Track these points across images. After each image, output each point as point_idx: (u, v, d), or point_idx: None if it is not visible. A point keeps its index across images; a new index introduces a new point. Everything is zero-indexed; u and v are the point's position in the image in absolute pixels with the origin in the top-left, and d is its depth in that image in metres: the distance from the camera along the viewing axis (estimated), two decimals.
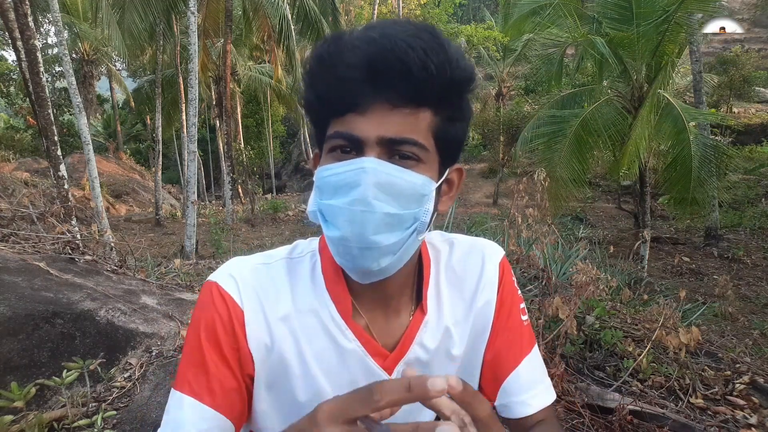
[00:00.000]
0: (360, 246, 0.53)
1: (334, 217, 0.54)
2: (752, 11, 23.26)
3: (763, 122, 16.71)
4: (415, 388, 0.35)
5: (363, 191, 0.51)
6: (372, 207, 0.51)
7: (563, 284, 3.01)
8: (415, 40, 0.49)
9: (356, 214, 0.52)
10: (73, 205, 5.76)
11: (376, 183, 0.51)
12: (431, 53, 0.49)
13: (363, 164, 0.51)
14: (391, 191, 0.52)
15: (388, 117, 0.51)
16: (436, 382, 0.34)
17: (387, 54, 0.49)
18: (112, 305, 2.29)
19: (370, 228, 0.52)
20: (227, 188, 13.57)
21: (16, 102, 21.49)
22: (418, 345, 0.65)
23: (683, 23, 6.79)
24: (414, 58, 0.48)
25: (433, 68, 0.49)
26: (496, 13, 21.51)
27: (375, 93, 0.51)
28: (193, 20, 8.34)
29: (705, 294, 7.12)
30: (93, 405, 1.77)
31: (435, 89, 0.51)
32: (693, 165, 7.06)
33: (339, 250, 0.56)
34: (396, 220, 0.53)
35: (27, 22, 5.36)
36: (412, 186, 0.53)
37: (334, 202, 0.53)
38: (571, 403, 1.78)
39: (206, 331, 0.60)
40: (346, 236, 0.53)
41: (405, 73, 0.49)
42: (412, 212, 0.54)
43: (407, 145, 0.53)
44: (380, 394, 0.35)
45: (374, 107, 0.51)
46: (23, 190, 9.00)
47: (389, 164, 0.52)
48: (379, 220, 0.52)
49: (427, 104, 0.53)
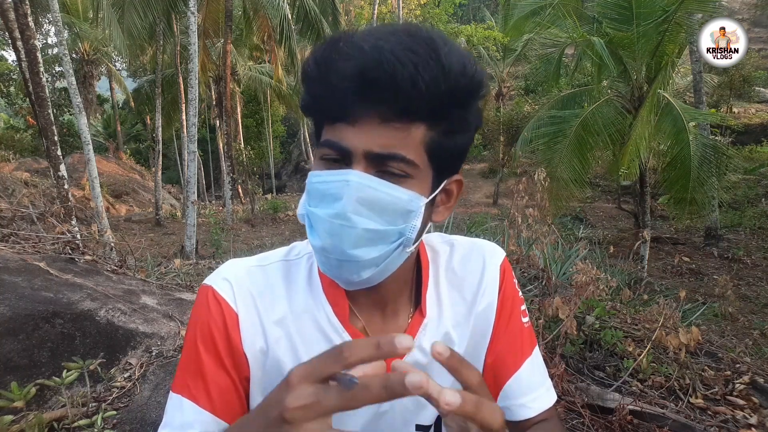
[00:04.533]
0: (339, 258, 0.53)
1: (316, 226, 0.54)
2: (752, 11, 23.27)
3: (763, 122, 16.72)
4: (384, 345, 0.35)
5: (344, 205, 0.51)
6: (351, 222, 0.51)
7: (563, 284, 3.01)
8: (407, 54, 0.47)
9: (335, 228, 0.51)
10: (73, 205, 5.76)
11: (359, 198, 0.51)
12: (422, 68, 0.47)
13: (348, 176, 0.51)
14: (374, 207, 0.51)
15: (377, 130, 0.50)
16: (403, 340, 0.35)
17: (376, 66, 0.47)
18: (112, 305, 2.29)
19: (348, 242, 0.52)
20: (227, 188, 13.57)
21: (16, 102, 21.51)
22: (416, 348, 0.64)
23: (683, 23, 6.79)
24: (402, 73, 0.46)
25: (423, 84, 0.47)
26: (496, 13, 21.52)
27: (365, 105, 0.49)
28: (193, 20, 8.34)
29: (705, 294, 7.13)
30: (93, 405, 1.77)
31: (427, 104, 0.49)
32: (692, 165, 7.05)
33: (321, 259, 0.57)
34: (377, 236, 0.53)
35: (27, 22, 5.37)
36: (398, 201, 0.52)
37: (317, 211, 0.53)
38: (571, 403, 1.78)
39: (202, 336, 0.60)
40: (326, 247, 0.53)
41: (393, 88, 0.47)
42: (396, 228, 0.53)
43: (395, 160, 0.51)
44: (349, 352, 0.36)
45: (364, 119, 0.50)
46: (23, 190, 9.00)
47: (375, 178, 0.51)
48: (358, 235, 0.52)
49: (419, 119, 0.51)
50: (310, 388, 0.36)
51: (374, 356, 0.36)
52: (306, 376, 0.37)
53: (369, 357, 0.36)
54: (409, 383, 0.33)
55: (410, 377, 0.33)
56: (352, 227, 0.51)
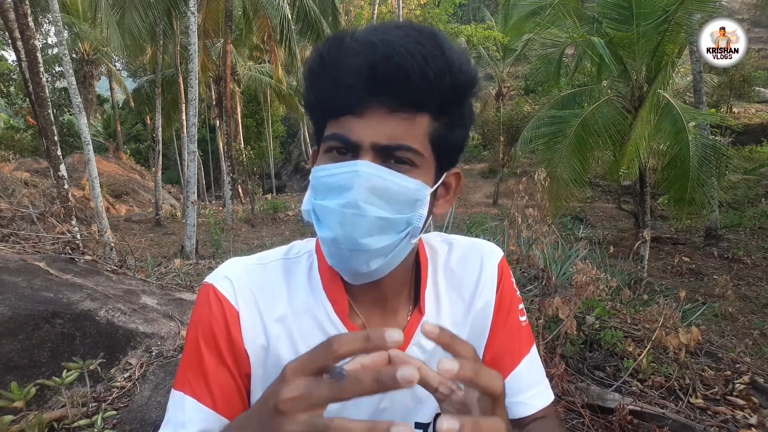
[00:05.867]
0: (350, 248, 0.54)
1: (326, 218, 0.54)
2: (752, 11, 23.28)
3: (763, 122, 16.73)
4: (374, 339, 0.36)
5: (355, 194, 0.51)
6: (363, 210, 0.52)
7: (563, 284, 3.01)
8: (416, 47, 0.49)
9: (347, 217, 0.52)
10: (73, 205, 5.76)
11: (369, 187, 0.52)
12: (431, 60, 0.49)
13: (357, 167, 0.52)
14: (384, 195, 0.53)
15: (385, 121, 0.51)
16: (393, 334, 0.36)
17: (387, 60, 0.49)
18: (112, 305, 2.29)
19: (360, 231, 0.53)
20: (227, 188, 13.58)
21: (16, 102, 21.50)
22: (415, 345, 0.65)
23: (683, 23, 6.79)
24: (413, 65, 0.48)
25: (432, 75, 0.49)
26: (496, 13, 21.50)
27: (373, 98, 0.51)
28: (193, 20, 8.34)
29: (705, 294, 7.13)
30: (93, 405, 1.76)
31: (434, 96, 0.51)
32: (691, 165, 7.05)
33: (330, 251, 0.57)
34: (387, 224, 0.54)
35: (27, 22, 5.37)
36: (406, 191, 0.54)
37: (326, 203, 0.54)
38: (571, 403, 1.78)
39: (203, 334, 0.61)
40: (337, 238, 0.53)
41: (404, 80, 0.49)
42: (404, 217, 0.55)
43: (402, 150, 0.53)
44: (338, 344, 0.37)
45: (372, 111, 0.51)
46: (23, 190, 9.00)
47: (383, 168, 0.52)
48: (370, 223, 0.52)
49: (425, 110, 0.53)
50: (303, 381, 0.37)
51: (363, 349, 0.36)
52: (299, 369, 0.38)
53: (358, 350, 0.36)
54: (400, 377, 0.34)
55: (402, 371, 0.34)
56: (363, 215, 0.52)
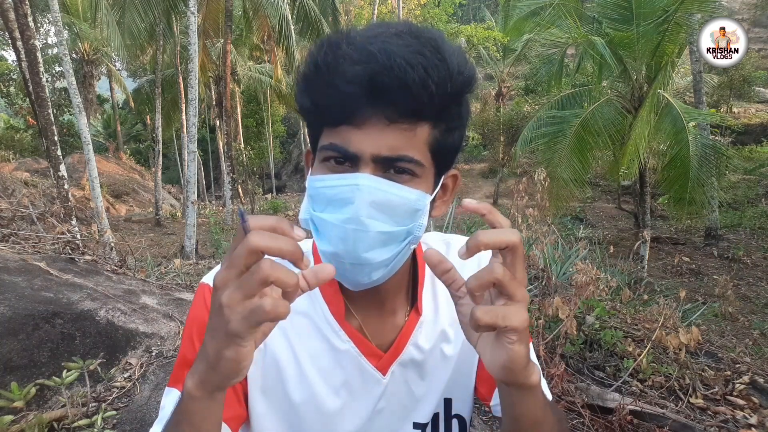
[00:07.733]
0: (352, 262, 0.53)
1: (326, 232, 0.53)
2: (752, 11, 23.27)
3: (763, 122, 16.72)
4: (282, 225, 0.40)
5: (356, 209, 0.50)
6: (365, 226, 0.51)
7: (563, 284, 3.02)
8: (416, 57, 0.48)
9: (349, 233, 0.51)
10: (73, 205, 5.75)
11: (371, 201, 0.50)
12: (432, 70, 0.48)
13: (357, 181, 0.50)
14: (385, 208, 0.51)
15: (384, 132, 0.50)
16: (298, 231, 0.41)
17: (387, 72, 0.47)
18: (112, 305, 2.29)
19: (362, 246, 0.52)
20: (227, 188, 13.56)
21: (16, 102, 21.48)
22: (412, 345, 0.65)
23: (683, 23, 6.79)
24: (414, 77, 0.47)
25: (433, 86, 0.48)
26: (496, 13, 21.51)
27: (372, 108, 0.49)
28: (193, 20, 8.33)
29: (705, 294, 7.12)
30: (93, 405, 1.76)
31: (434, 105, 0.50)
32: (691, 165, 7.05)
33: (330, 263, 0.56)
34: (389, 237, 0.53)
35: (27, 22, 5.36)
36: (407, 201, 0.53)
37: (326, 216, 0.52)
38: (571, 403, 1.78)
39: (198, 332, 0.61)
40: (338, 252, 0.52)
41: (404, 91, 0.48)
42: (405, 228, 0.54)
43: (403, 161, 0.51)
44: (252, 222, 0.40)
45: (371, 122, 0.50)
46: (23, 190, 9.00)
47: (384, 180, 0.51)
48: (372, 238, 0.52)
49: (424, 119, 0.52)
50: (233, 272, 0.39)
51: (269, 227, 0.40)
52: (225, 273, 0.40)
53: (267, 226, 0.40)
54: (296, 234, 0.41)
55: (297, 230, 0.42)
56: (365, 231, 0.51)
